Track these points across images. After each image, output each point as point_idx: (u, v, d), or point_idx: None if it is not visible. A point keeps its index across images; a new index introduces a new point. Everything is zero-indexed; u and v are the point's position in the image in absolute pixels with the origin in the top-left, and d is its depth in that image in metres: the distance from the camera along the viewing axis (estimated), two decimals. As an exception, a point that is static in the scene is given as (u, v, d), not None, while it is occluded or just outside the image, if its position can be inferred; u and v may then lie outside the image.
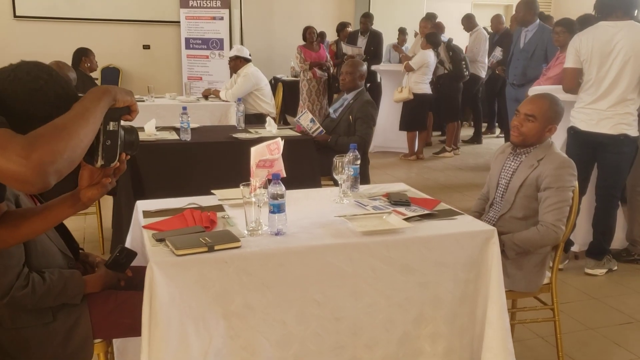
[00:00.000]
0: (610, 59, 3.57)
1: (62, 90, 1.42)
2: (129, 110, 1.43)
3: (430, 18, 7.67)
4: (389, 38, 8.83)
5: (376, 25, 8.54)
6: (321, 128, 4.30)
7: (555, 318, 2.66)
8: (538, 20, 5.87)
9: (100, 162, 1.42)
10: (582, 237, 4.00)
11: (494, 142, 8.41)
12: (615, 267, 3.94)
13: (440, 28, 7.80)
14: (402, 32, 8.72)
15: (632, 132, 3.63)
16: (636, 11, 3.66)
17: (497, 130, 8.96)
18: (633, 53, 3.53)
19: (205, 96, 6.07)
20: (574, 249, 4.04)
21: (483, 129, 8.78)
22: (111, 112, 1.38)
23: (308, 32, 7.67)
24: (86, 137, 1.24)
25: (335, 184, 2.59)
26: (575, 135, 3.61)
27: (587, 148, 3.61)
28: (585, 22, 4.54)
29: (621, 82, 3.57)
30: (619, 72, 3.56)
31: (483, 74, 8.00)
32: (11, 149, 1.11)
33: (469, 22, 8.12)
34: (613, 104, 3.60)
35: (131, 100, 1.42)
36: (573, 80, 3.74)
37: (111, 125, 1.40)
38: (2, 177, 1.12)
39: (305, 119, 4.29)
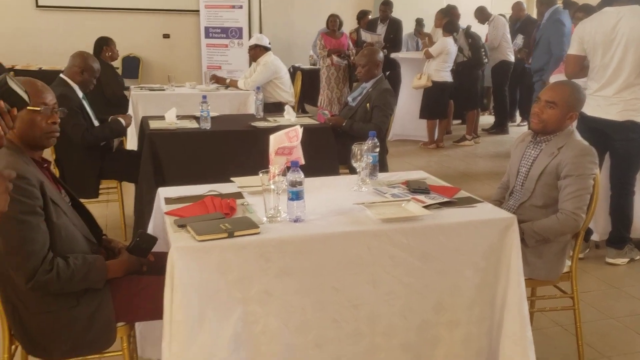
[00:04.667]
0: (613, 46, 3.54)
1: None
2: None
3: (446, 13, 7.60)
4: (409, 26, 8.75)
5: (395, 13, 8.48)
6: None
7: (575, 307, 2.64)
8: (551, 10, 5.85)
9: None
10: (602, 226, 3.96)
11: (514, 130, 8.31)
12: (638, 257, 3.89)
13: (455, 15, 7.68)
14: (419, 22, 8.62)
15: None
16: None
17: (519, 119, 8.85)
18: (634, 38, 3.49)
19: (217, 82, 5.97)
20: (594, 238, 4.00)
21: None
22: None
23: (330, 20, 7.64)
24: None
25: (352, 172, 2.58)
26: (583, 120, 3.59)
27: (595, 133, 3.57)
28: (585, 11, 4.54)
29: (625, 68, 3.53)
30: (621, 58, 3.53)
31: (512, 57, 7.84)
32: None
33: (482, 14, 8.02)
34: (619, 90, 3.57)
35: None
36: (575, 67, 3.79)
37: None
38: None
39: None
